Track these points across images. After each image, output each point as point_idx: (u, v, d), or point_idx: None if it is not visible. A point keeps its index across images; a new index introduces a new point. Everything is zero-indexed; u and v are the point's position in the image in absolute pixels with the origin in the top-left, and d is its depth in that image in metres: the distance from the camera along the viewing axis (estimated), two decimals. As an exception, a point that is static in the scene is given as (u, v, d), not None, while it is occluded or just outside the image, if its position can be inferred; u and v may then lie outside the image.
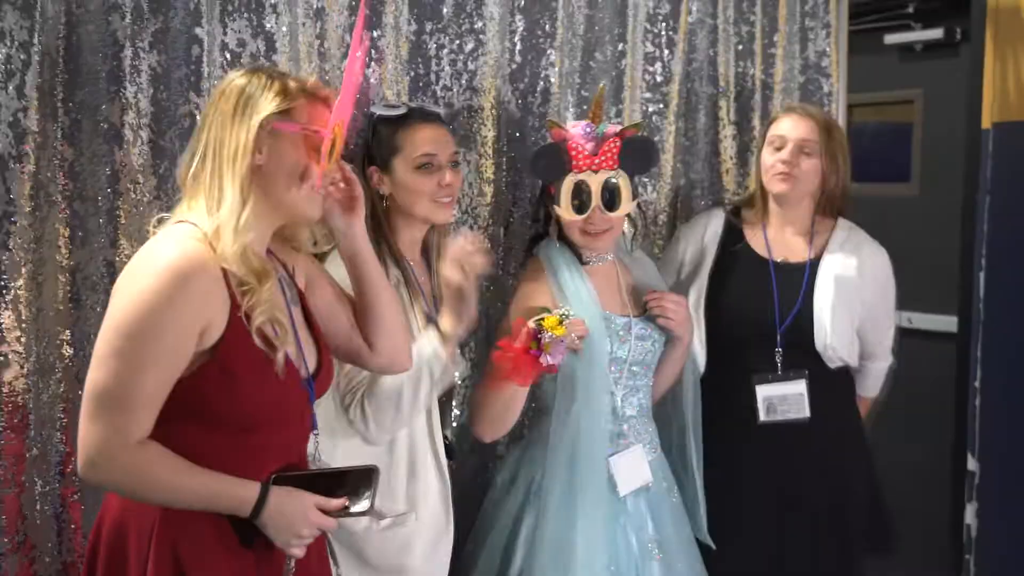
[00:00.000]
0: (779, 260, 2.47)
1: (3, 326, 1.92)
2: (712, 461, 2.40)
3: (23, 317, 1.93)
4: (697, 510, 2.37)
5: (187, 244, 1.52)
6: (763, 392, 2.40)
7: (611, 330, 2.19)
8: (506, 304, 2.27)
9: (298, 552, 1.60)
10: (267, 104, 1.58)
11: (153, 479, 1.51)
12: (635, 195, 2.21)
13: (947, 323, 3.33)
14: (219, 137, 1.58)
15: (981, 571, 3.11)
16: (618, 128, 2.17)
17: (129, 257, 1.98)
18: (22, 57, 1.90)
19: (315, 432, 1.73)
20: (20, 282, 1.92)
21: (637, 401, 2.25)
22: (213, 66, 2.08)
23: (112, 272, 2.01)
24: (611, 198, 2.15)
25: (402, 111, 2.09)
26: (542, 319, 1.98)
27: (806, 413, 2.39)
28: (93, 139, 1.98)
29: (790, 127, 2.41)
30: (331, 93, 1.66)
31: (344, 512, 1.62)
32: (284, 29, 2.15)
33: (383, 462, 1.93)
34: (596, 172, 2.13)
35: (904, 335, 3.55)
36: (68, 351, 2.00)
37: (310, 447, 1.74)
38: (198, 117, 2.05)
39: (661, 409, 2.40)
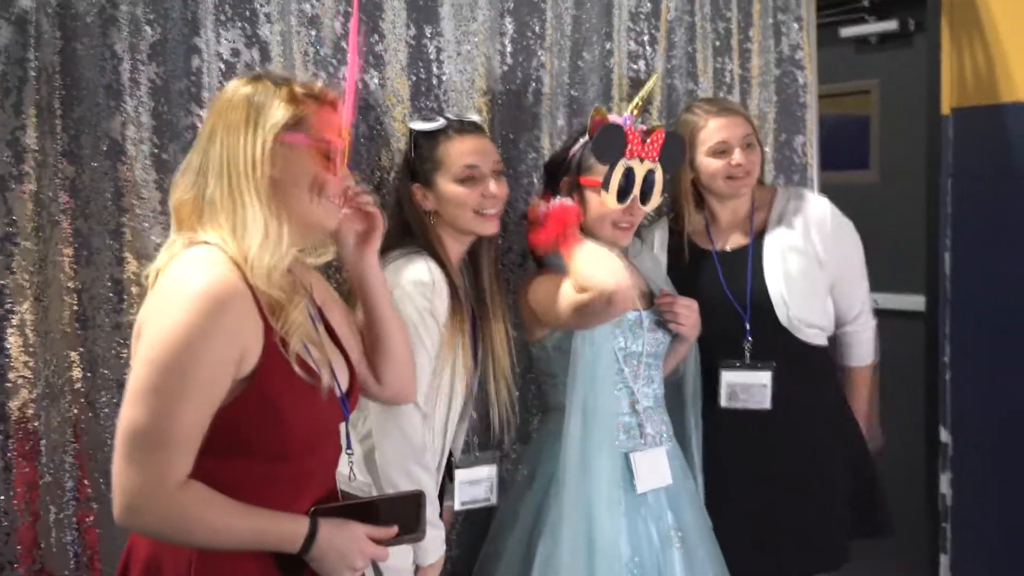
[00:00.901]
0: (722, 249, 2.49)
1: (10, 352, 1.87)
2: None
3: (30, 341, 1.88)
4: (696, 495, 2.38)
5: (217, 268, 1.43)
6: (727, 378, 2.43)
7: (624, 326, 2.21)
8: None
9: None
10: (278, 113, 1.50)
11: (197, 522, 1.42)
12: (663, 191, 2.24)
13: (915, 303, 3.43)
14: (231, 151, 1.49)
15: (958, 537, 3.22)
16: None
17: (136, 275, 1.97)
18: (18, 74, 1.86)
19: (349, 452, 1.66)
20: (26, 305, 1.88)
21: (652, 392, 2.28)
22: (212, 76, 2.05)
23: (120, 290, 1.97)
24: (648, 190, 2.18)
25: (440, 124, 2.06)
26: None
27: (767, 404, 2.41)
28: (94, 155, 1.94)
29: (727, 128, 2.39)
30: (338, 96, 1.60)
31: (396, 540, 1.57)
32: (278, 38, 2.13)
33: None
34: (642, 161, 2.15)
35: (874, 315, 3.68)
36: (77, 373, 1.95)
37: (343, 466, 1.66)
38: (200, 129, 2.03)
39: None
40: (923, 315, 3.30)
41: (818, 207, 2.49)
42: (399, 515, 1.58)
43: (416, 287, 1.94)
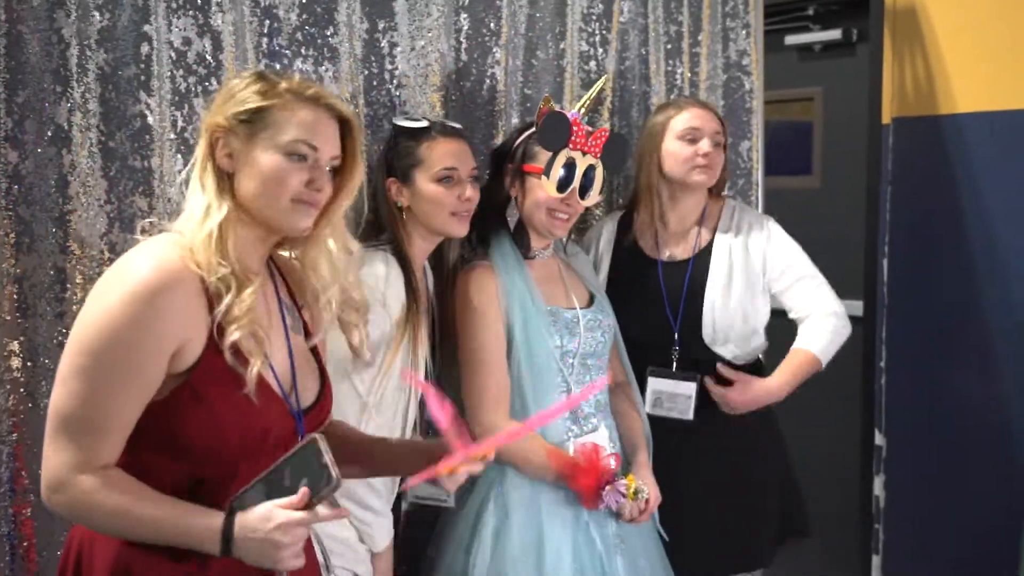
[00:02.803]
0: (666, 259, 2.52)
1: (-52, 339, 1.83)
2: None
3: (-31, 329, 1.84)
4: None
5: (164, 254, 1.41)
6: (654, 385, 2.44)
7: (559, 324, 2.22)
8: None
9: (295, 563, 1.42)
10: (237, 104, 1.49)
11: (111, 507, 1.38)
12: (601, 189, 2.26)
13: (853, 307, 3.49)
14: (201, 139, 1.52)
15: (889, 539, 3.30)
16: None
17: (79, 263, 1.93)
18: (-39, 55, 1.82)
19: None
20: (-34, 292, 1.83)
21: (594, 398, 2.28)
22: (162, 65, 2.02)
23: (63, 279, 1.93)
24: (587, 184, 2.20)
25: (424, 124, 2.12)
26: (624, 476, 2.17)
27: (690, 416, 2.42)
28: (39, 141, 1.90)
29: (701, 119, 2.43)
30: (320, 91, 1.55)
31: (316, 498, 1.41)
32: (231, 27, 2.10)
33: None
34: (584, 155, 2.17)
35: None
36: (17, 363, 1.91)
37: None
38: (149, 118, 2.01)
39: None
40: (861, 319, 3.37)
41: (758, 225, 2.52)
42: (306, 471, 1.42)
43: (369, 278, 1.97)
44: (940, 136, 3.07)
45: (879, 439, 3.30)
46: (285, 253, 1.67)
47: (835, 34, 3.53)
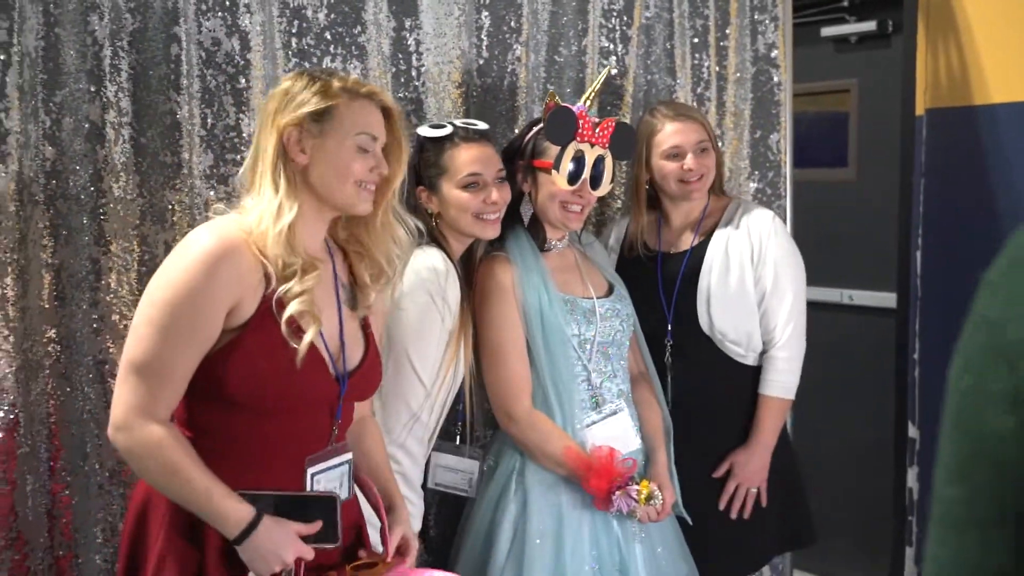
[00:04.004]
0: (668, 251, 2.53)
1: (-9, 326, 1.94)
2: None
3: (10, 316, 1.95)
4: (674, 485, 2.35)
5: (225, 229, 1.61)
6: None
7: (576, 312, 2.26)
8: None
9: None
10: (305, 104, 1.66)
11: (161, 459, 1.55)
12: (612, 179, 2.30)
13: (886, 299, 3.49)
14: (260, 136, 1.69)
15: (923, 531, 3.27)
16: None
17: (112, 254, 2.04)
18: (1, 58, 1.92)
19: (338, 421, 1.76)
20: (7, 280, 1.94)
21: (616, 387, 2.31)
22: (191, 64, 2.11)
23: (97, 269, 2.03)
24: (598, 175, 2.24)
25: (447, 131, 2.15)
26: (639, 481, 2.18)
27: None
28: (74, 138, 2.00)
29: (681, 133, 2.43)
30: (374, 88, 1.76)
31: (312, 539, 1.62)
32: (259, 27, 2.18)
33: None
34: (592, 146, 2.21)
35: (846, 311, 3.75)
36: (55, 349, 2.01)
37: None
38: (178, 115, 2.10)
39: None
40: (894, 311, 3.35)
41: (761, 220, 2.49)
42: (321, 515, 1.63)
43: (431, 273, 2.05)
44: (974, 127, 3.04)
45: (912, 431, 3.27)
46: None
47: (870, 25, 3.50)
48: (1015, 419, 0.59)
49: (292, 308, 1.60)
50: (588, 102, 2.26)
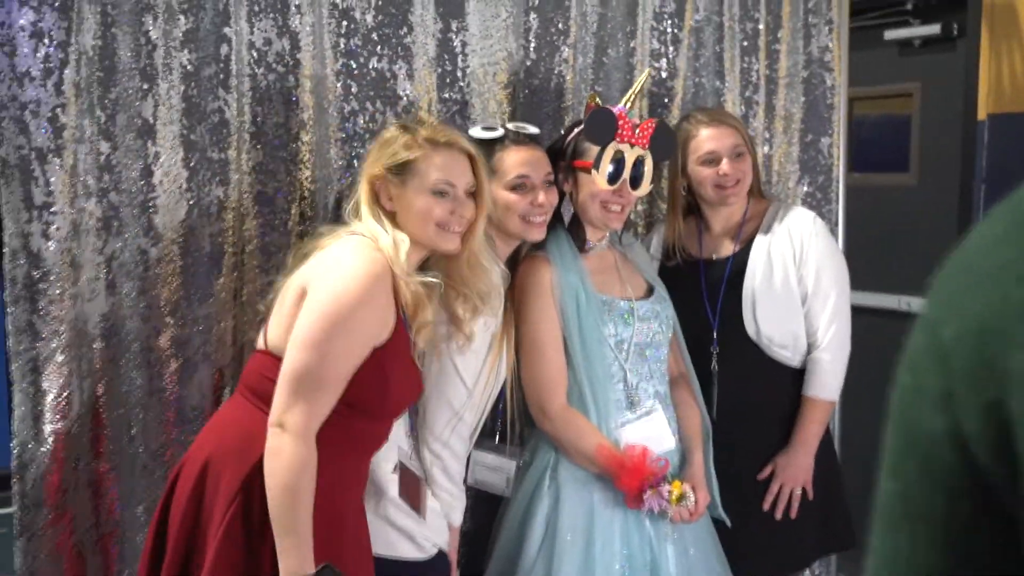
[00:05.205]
0: (709, 258, 2.52)
1: (50, 315, 2.03)
2: None
3: (64, 305, 2.03)
4: (712, 487, 2.36)
5: (374, 252, 1.79)
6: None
7: (614, 313, 2.27)
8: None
9: None
10: (391, 155, 1.86)
11: (297, 481, 1.65)
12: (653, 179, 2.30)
13: (944, 308, 3.41)
14: (360, 180, 1.92)
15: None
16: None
17: (162, 245, 2.12)
18: (60, 56, 2.00)
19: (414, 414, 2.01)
20: (58, 268, 2.03)
21: (652, 388, 2.31)
22: (241, 63, 2.18)
23: (146, 260, 2.11)
24: (638, 176, 2.24)
25: (499, 133, 2.18)
26: (672, 481, 2.18)
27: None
28: (127, 134, 2.08)
29: (716, 138, 2.43)
30: (453, 136, 1.93)
31: None
32: (308, 28, 2.25)
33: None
34: (632, 147, 2.22)
35: (904, 318, 3.66)
36: (103, 335, 2.09)
37: (406, 445, 2.02)
38: (227, 112, 2.17)
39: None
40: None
41: (801, 221, 2.48)
42: None
43: None
44: (1036, 133, 2.97)
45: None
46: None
47: (934, 28, 3.43)
48: (944, 419, 0.61)
49: (422, 341, 1.89)
50: (629, 104, 2.27)
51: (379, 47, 2.35)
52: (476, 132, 2.20)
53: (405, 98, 2.38)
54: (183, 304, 2.15)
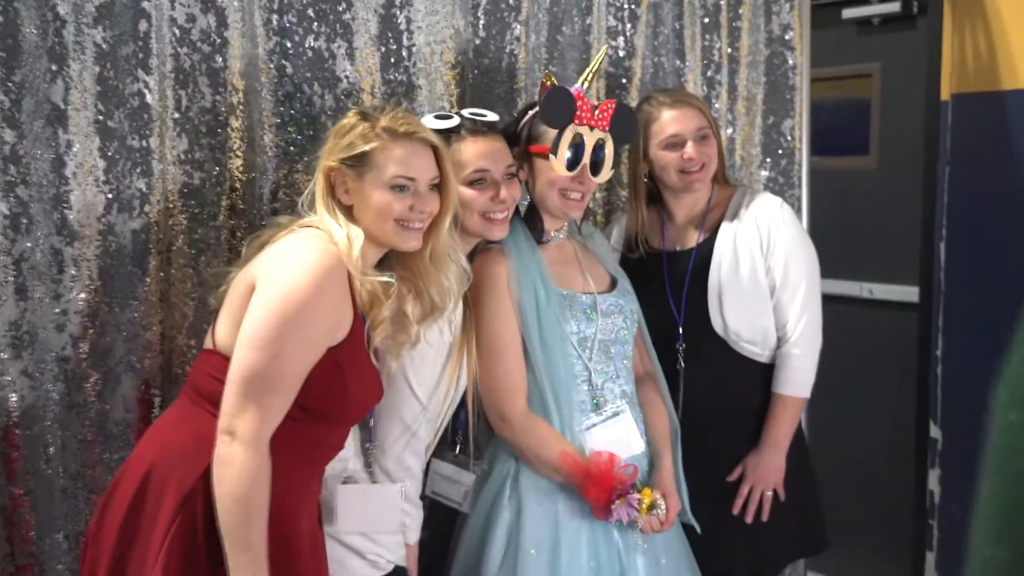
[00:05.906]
0: (672, 249, 2.42)
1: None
2: None
3: None
4: (681, 491, 2.25)
5: (327, 245, 1.69)
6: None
7: (576, 308, 2.14)
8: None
9: None
10: (345, 148, 1.75)
11: (249, 493, 1.54)
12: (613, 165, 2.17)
13: (908, 293, 3.35)
14: (317, 171, 1.80)
15: (944, 535, 3.16)
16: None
17: (77, 244, 1.92)
18: (-45, 36, 1.81)
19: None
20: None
21: (619, 388, 2.19)
22: (162, 42, 1.99)
23: (60, 260, 1.92)
24: (598, 160, 2.11)
25: (454, 123, 2.00)
26: (641, 489, 2.08)
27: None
28: (34, 121, 1.88)
29: (680, 121, 2.31)
30: (415, 125, 1.79)
31: None
32: (236, 3, 2.06)
33: None
34: (592, 130, 2.08)
35: (866, 305, 3.61)
36: (12, 345, 1.90)
37: (356, 463, 1.92)
38: (147, 96, 1.98)
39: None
40: (916, 306, 3.22)
41: (768, 208, 2.37)
42: None
43: None
44: (1002, 113, 2.89)
45: (934, 431, 3.15)
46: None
47: (894, 7, 3.34)
48: None
49: (380, 336, 1.77)
50: (586, 83, 2.12)
51: (316, 24, 2.18)
52: (428, 122, 2.01)
53: (345, 80, 2.22)
54: (103, 309, 1.96)
